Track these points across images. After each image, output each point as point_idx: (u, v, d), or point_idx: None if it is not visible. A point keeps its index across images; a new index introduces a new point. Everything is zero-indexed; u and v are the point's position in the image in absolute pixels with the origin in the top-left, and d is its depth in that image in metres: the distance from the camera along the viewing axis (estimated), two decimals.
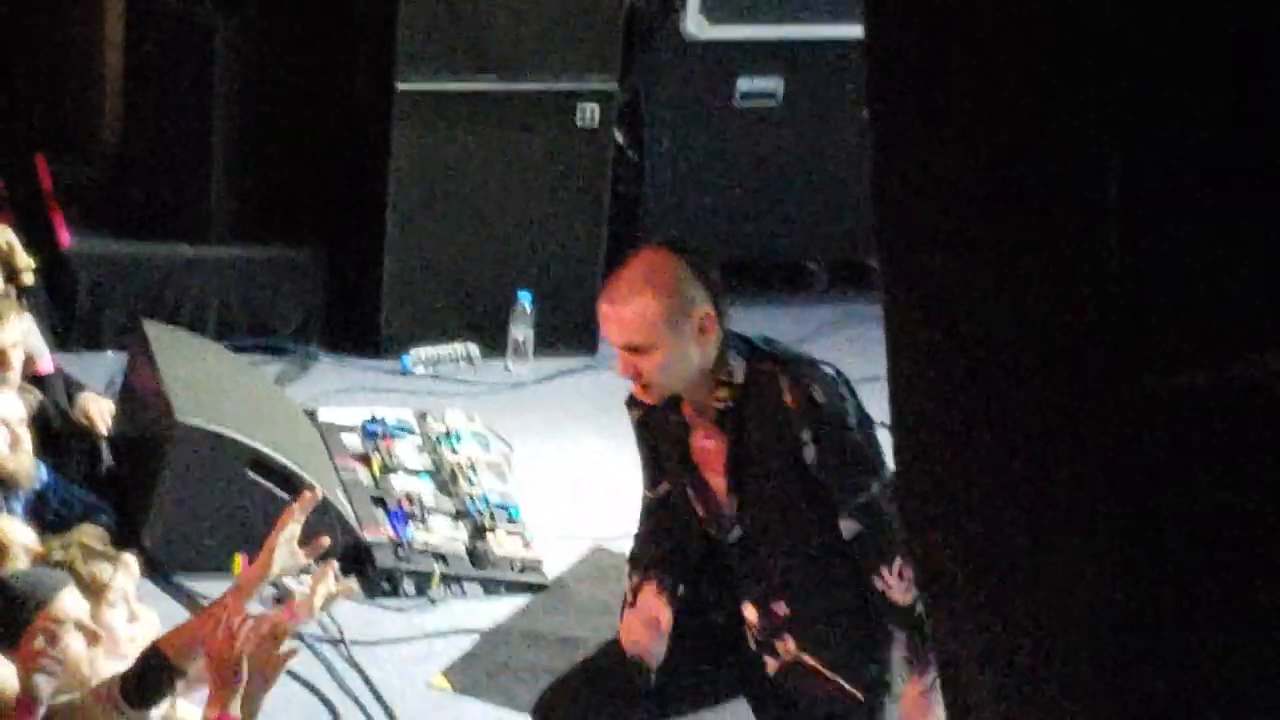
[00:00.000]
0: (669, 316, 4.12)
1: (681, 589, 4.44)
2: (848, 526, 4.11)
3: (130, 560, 5.27)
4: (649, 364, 4.12)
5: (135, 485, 6.48)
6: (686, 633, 4.43)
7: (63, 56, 8.05)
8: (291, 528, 4.67)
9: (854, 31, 7.04)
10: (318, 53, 7.60)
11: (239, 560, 6.06)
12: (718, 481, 4.24)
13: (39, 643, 4.64)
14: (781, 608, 4.22)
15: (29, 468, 5.98)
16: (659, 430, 4.35)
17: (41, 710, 4.54)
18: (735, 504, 4.20)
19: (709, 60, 7.79)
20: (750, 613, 4.24)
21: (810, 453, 4.11)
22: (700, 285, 4.25)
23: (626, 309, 4.12)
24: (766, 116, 7.90)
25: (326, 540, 4.79)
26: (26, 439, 5.96)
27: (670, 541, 4.49)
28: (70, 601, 4.70)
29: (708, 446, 4.26)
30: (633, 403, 4.34)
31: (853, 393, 4.26)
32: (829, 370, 4.28)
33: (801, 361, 4.30)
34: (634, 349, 4.12)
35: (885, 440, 5.21)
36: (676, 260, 4.29)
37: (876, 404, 4.66)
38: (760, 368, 4.17)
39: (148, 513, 6.27)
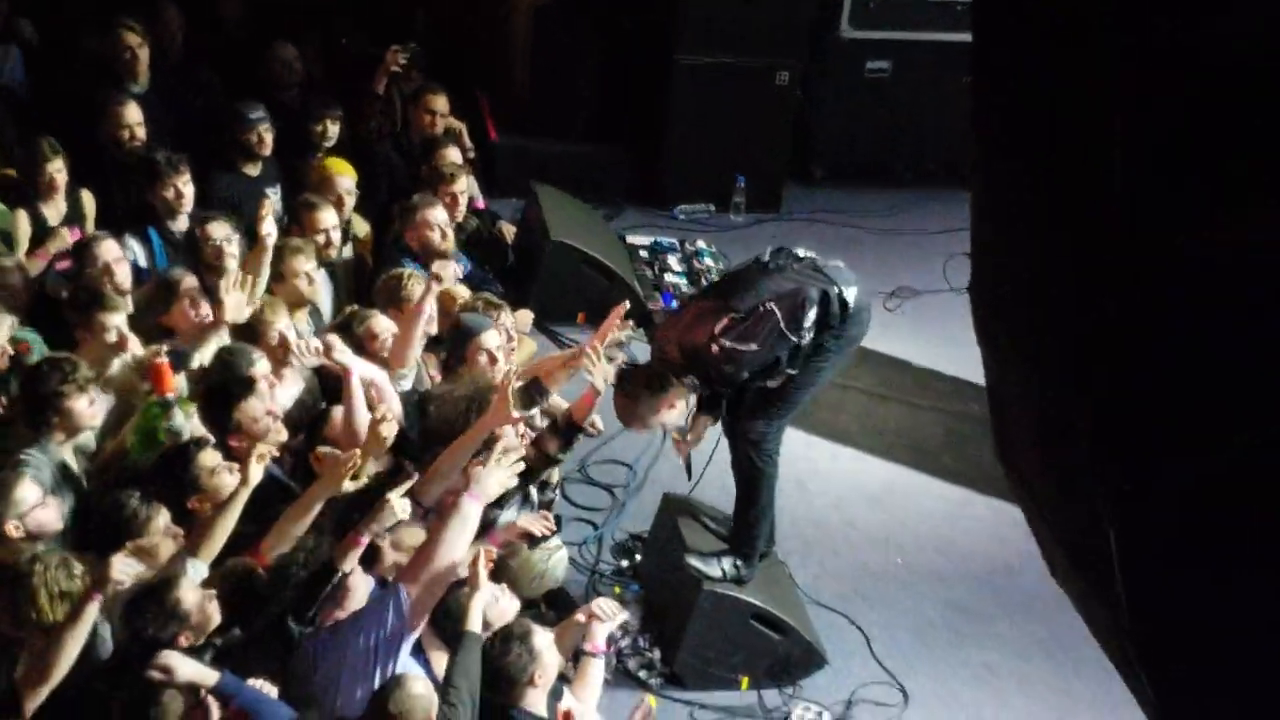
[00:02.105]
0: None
1: None
2: None
3: (524, 313, 7.93)
4: None
5: (525, 275, 9.07)
6: None
7: (495, 29, 11.02)
8: (616, 314, 6.42)
9: (936, 35, 10.61)
10: (623, 31, 10.74)
11: (582, 316, 8.91)
12: None
13: (483, 358, 6.53)
14: None
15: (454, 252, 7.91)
16: None
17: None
18: None
19: (852, 49, 11.00)
20: None
21: None
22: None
23: None
24: (881, 84, 11.12)
25: (626, 304, 6.66)
26: (453, 240, 7.95)
27: None
28: (491, 334, 6.71)
29: None
30: None
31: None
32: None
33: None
34: None
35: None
36: None
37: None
38: None
39: (532, 287, 8.91)
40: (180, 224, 7.58)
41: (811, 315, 5.93)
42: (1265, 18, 1.55)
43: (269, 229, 7.07)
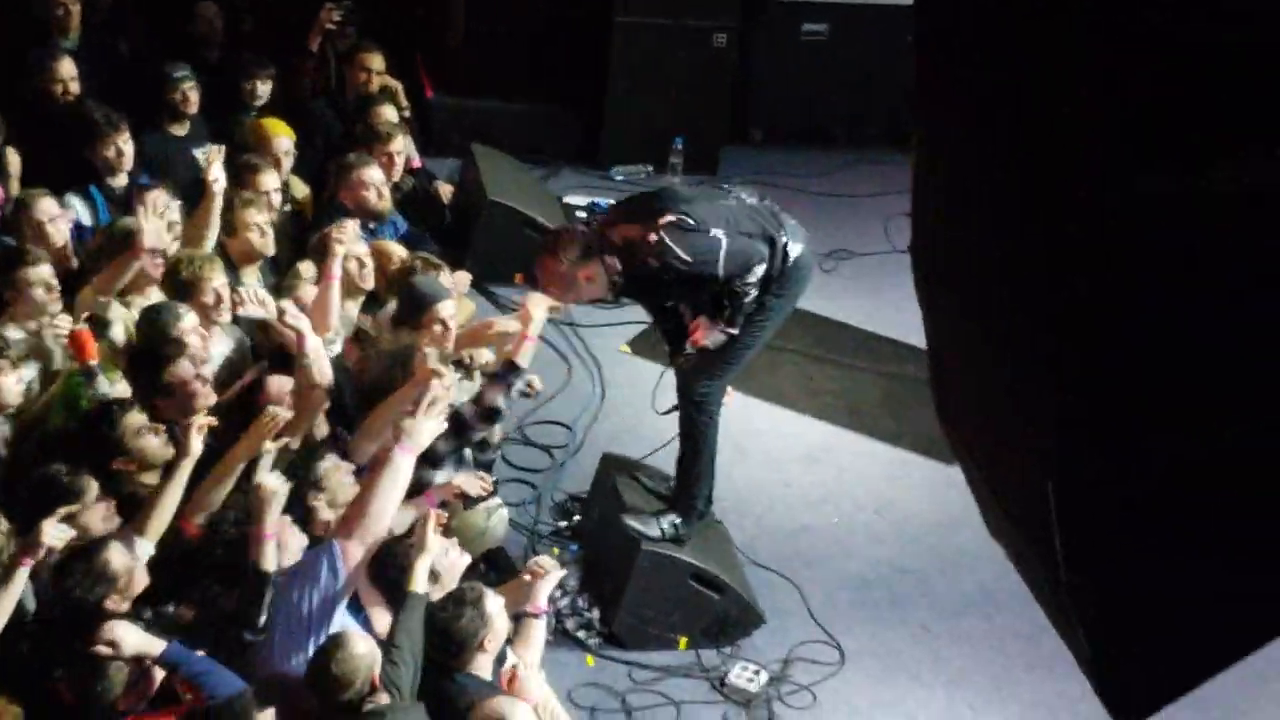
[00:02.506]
0: None
1: None
2: None
3: (462, 274, 7.70)
4: None
5: (463, 235, 8.98)
6: None
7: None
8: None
9: None
10: None
11: (520, 277, 8.76)
12: None
13: (437, 327, 6.40)
14: None
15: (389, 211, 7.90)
16: None
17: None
18: None
19: (789, 11, 10.99)
20: None
21: None
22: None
23: None
24: (819, 46, 11.08)
25: None
26: (389, 200, 7.93)
27: None
28: (448, 303, 6.58)
29: None
30: None
31: None
32: None
33: None
34: None
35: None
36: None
37: None
38: None
39: (469, 247, 8.86)
40: (120, 180, 7.50)
41: (759, 272, 5.96)
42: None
43: (216, 174, 7.00)
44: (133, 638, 4.69)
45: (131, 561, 4.93)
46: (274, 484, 5.07)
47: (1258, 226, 1.66)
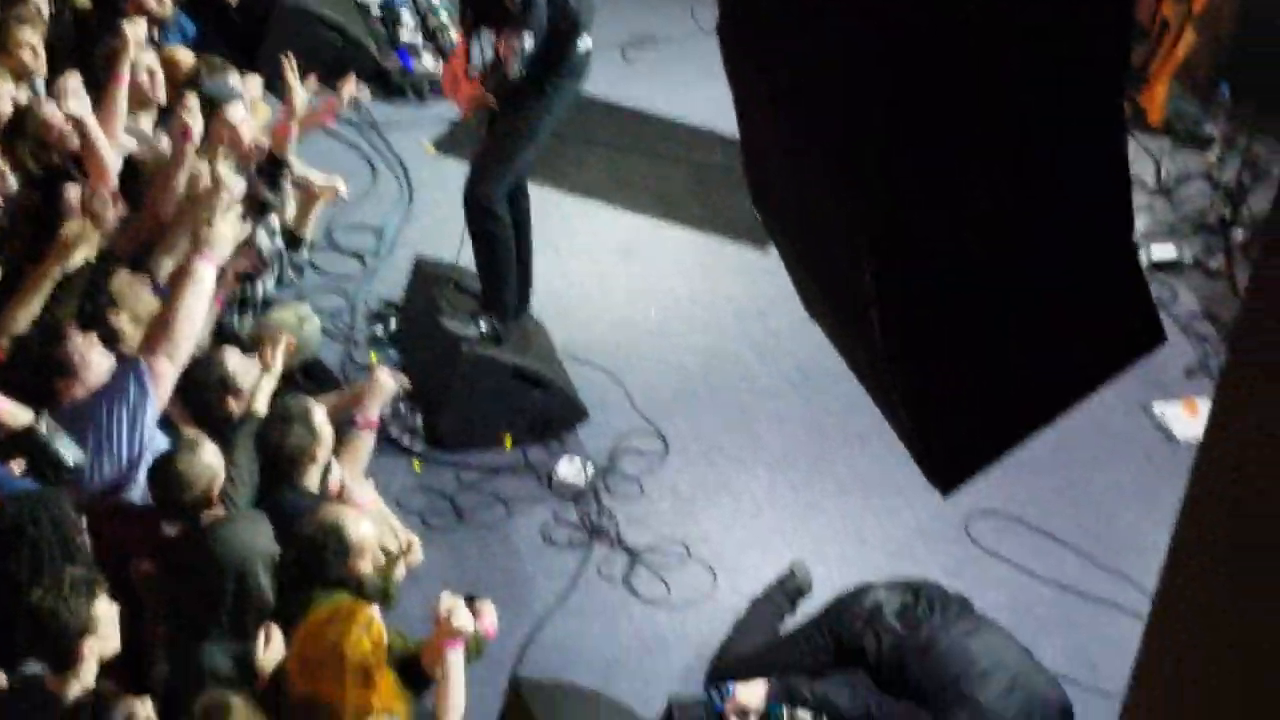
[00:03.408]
0: None
1: None
2: None
3: (253, 77, 7.49)
4: None
5: (253, 37, 8.55)
6: None
7: None
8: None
9: None
10: None
11: (314, 77, 8.45)
12: None
13: (226, 133, 6.40)
14: None
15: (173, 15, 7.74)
16: None
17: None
18: None
19: None
20: None
21: None
22: None
23: None
24: None
25: (353, 76, 7.14)
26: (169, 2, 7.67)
27: None
28: (237, 106, 6.56)
29: None
30: None
31: None
32: None
33: None
34: None
35: None
36: None
37: None
38: None
39: (260, 49, 8.42)
40: None
41: (526, 44, 5.94)
42: None
43: None
44: None
45: None
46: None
47: None
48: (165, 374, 5.01)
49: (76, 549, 4.42)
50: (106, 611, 4.18)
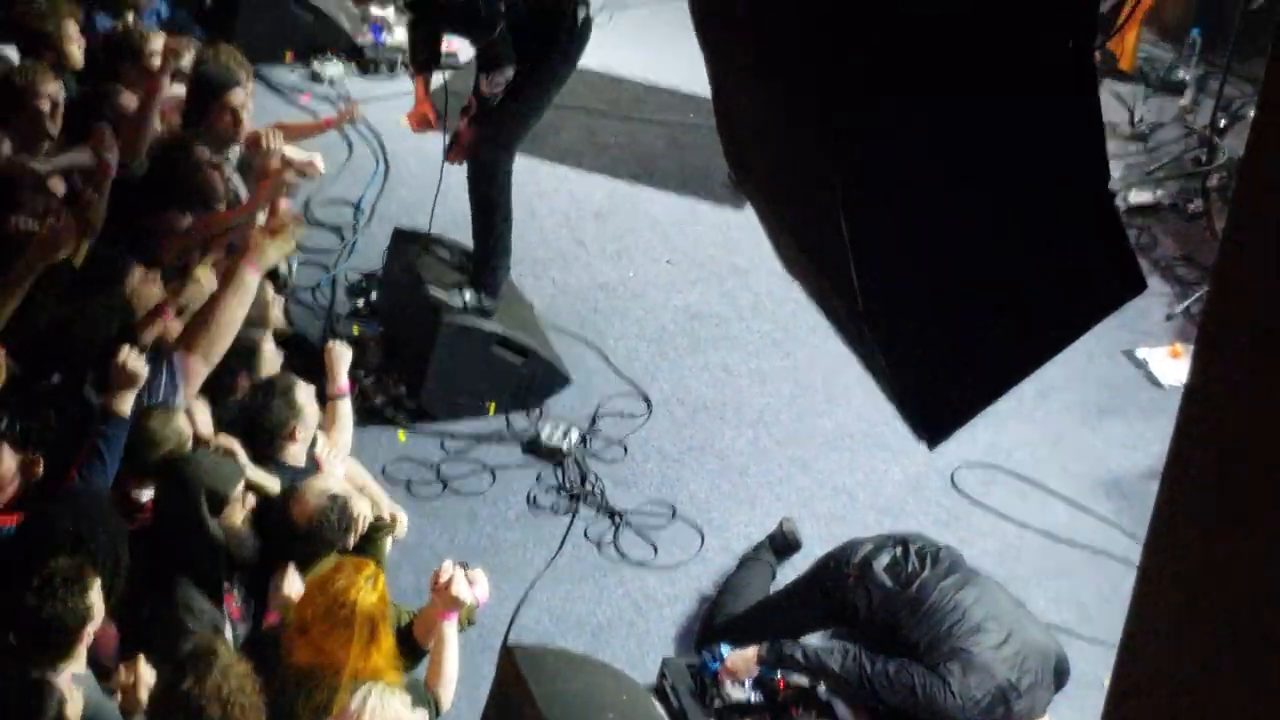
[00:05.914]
0: None
1: None
2: None
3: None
4: None
5: (226, 15, 8.59)
6: None
7: None
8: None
9: None
10: None
11: (290, 55, 8.88)
12: None
13: (227, 117, 6.37)
14: None
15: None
16: None
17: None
18: None
19: None
20: None
21: None
22: None
23: None
24: None
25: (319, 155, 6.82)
26: None
27: None
28: (238, 90, 6.43)
29: None
30: None
31: None
32: None
33: None
34: None
35: None
36: None
37: None
38: None
39: (233, 26, 8.44)
40: None
41: (507, 75, 6.08)
42: None
43: None
44: None
45: None
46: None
47: None
48: (198, 372, 5.05)
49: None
50: (98, 594, 4.16)
